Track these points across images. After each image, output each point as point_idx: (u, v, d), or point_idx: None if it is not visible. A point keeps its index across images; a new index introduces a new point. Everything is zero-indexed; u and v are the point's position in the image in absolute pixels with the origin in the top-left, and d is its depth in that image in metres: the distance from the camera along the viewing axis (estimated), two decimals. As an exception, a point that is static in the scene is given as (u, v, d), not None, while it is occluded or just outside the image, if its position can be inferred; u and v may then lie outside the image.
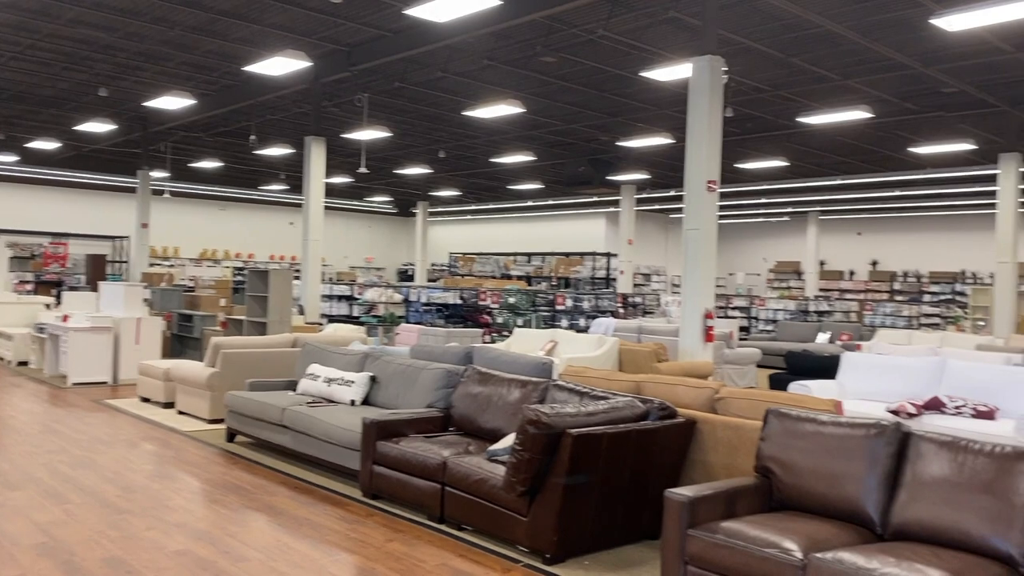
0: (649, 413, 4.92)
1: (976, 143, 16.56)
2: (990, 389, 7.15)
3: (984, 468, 3.61)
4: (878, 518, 3.82)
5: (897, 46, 11.22)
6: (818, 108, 14.47)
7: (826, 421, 4.15)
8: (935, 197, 24.00)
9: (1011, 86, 13.05)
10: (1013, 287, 15.26)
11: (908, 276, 28.19)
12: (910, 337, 13.74)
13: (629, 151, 19.27)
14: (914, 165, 19.90)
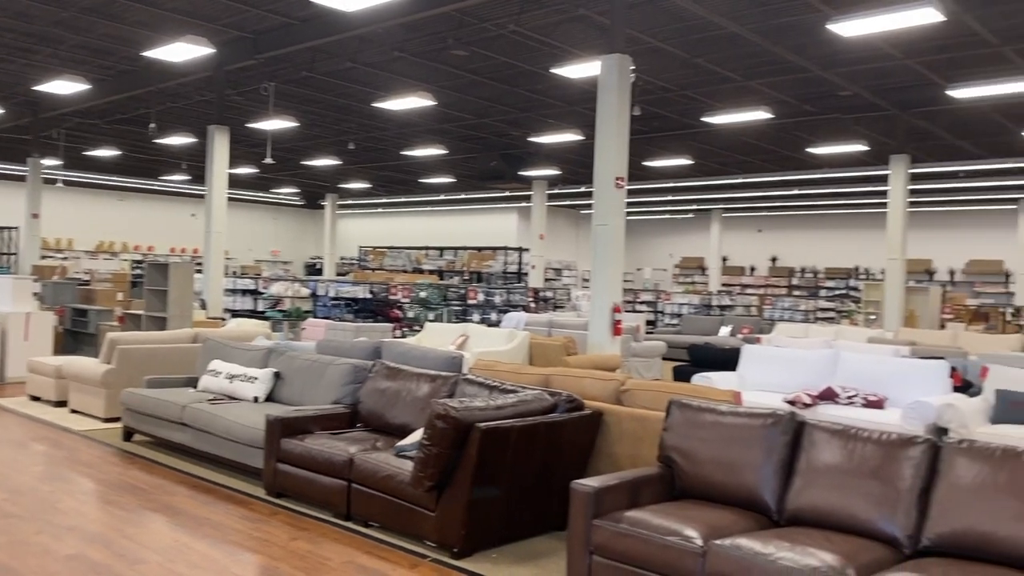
0: (557, 406, 4.97)
1: (869, 144, 17.35)
2: (880, 380, 7.51)
3: (872, 455, 3.79)
4: (774, 504, 3.96)
5: (796, 50, 11.63)
6: (722, 108, 14.88)
7: (725, 411, 4.27)
8: (831, 196, 25.03)
9: (901, 91, 13.70)
10: (902, 283, 16.06)
11: (805, 272, 29.33)
12: (807, 330, 14.30)
13: (540, 147, 19.40)
14: (812, 165, 20.69)
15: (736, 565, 3.37)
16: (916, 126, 15.60)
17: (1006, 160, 18.36)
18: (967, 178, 20.80)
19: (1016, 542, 3.29)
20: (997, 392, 6.83)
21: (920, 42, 11.04)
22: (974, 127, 15.84)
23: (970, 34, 10.62)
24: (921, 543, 3.53)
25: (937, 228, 26.47)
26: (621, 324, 10.52)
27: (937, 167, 19.31)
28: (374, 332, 11.45)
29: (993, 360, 8.79)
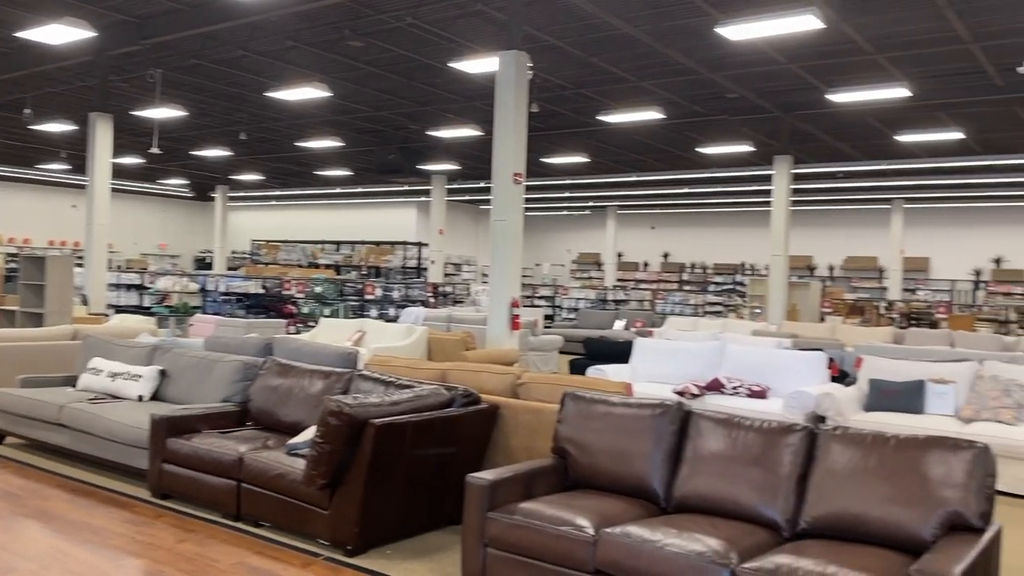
0: (454, 400, 4.98)
1: (754, 145, 18.05)
2: (763, 371, 7.84)
3: (754, 442, 3.95)
4: (663, 492, 4.08)
5: (686, 52, 11.99)
6: (616, 108, 15.19)
7: (617, 402, 4.38)
8: (720, 195, 25.93)
9: (785, 94, 14.31)
10: (785, 278, 16.80)
11: (695, 267, 30.29)
12: (696, 324, 14.78)
13: (439, 141, 19.33)
14: (701, 164, 21.37)
15: (626, 552, 3.46)
16: (798, 128, 16.33)
17: (880, 162, 19.44)
18: (845, 179, 21.91)
19: (885, 522, 3.49)
20: (870, 381, 7.24)
21: (802, 48, 11.56)
22: (852, 130, 16.69)
23: (848, 41, 11.18)
24: (799, 526, 3.71)
25: (818, 226, 27.78)
26: (519, 319, 10.62)
27: (818, 168, 20.26)
28: (267, 328, 11.17)
29: (867, 351, 9.31)
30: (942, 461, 3.49)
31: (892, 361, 7.45)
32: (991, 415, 6.55)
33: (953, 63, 12.04)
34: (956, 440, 3.55)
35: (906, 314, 20.55)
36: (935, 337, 12.63)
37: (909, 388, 6.97)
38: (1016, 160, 18.28)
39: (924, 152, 18.51)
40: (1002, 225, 25.09)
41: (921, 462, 3.53)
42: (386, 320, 13.62)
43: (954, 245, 25.80)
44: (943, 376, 7.03)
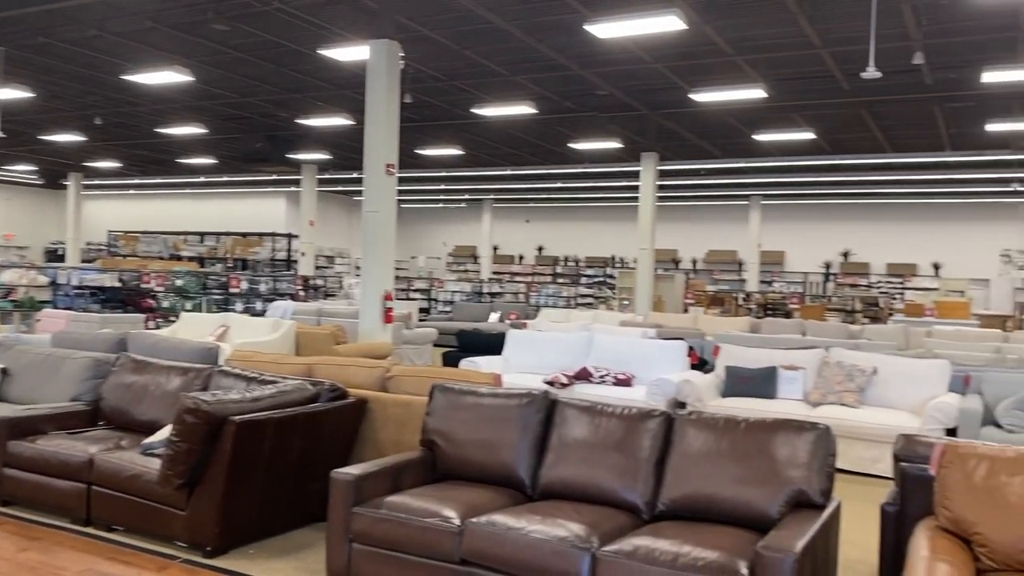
0: (319, 395, 4.88)
1: (623, 142, 18.54)
2: (629, 359, 8.09)
3: (616, 429, 4.07)
4: (529, 480, 4.15)
5: (558, 48, 12.17)
6: (490, 101, 15.26)
7: (485, 393, 4.41)
8: (591, 190, 26.52)
9: (651, 92, 14.75)
10: (651, 271, 17.38)
11: (568, 260, 30.89)
12: (568, 315, 15.08)
13: (310, 130, 18.86)
14: (573, 160, 21.77)
15: (491, 541, 3.49)
16: (664, 126, 16.89)
17: (740, 160, 20.38)
18: (708, 176, 22.84)
19: (736, 502, 3.67)
20: (727, 368, 7.59)
21: (667, 48, 11.94)
22: (713, 129, 17.41)
23: (709, 43, 11.63)
24: (658, 508, 3.85)
25: (682, 221, 28.87)
26: (392, 312, 10.53)
27: (682, 165, 21.03)
28: (122, 323, 10.60)
29: (725, 340, 9.76)
30: (787, 442, 3.70)
31: (747, 349, 7.84)
32: (836, 398, 7.00)
33: (805, 67, 12.73)
34: (800, 422, 3.77)
35: (763, 304, 21.67)
36: (788, 326, 13.37)
37: (762, 374, 7.36)
38: (861, 160, 19.56)
39: (779, 151, 19.53)
40: (850, 221, 26.82)
41: (769, 444, 3.73)
42: (252, 314, 13.19)
43: (807, 239, 27.39)
44: (793, 363, 7.45)
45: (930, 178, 21.22)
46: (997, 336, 12.02)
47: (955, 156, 18.47)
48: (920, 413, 6.64)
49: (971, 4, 9.69)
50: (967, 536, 3.18)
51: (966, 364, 8.16)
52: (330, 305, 13.75)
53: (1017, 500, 3.12)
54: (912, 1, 9.65)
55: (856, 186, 23.44)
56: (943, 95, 13.60)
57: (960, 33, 10.79)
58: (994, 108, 14.36)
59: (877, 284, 26.18)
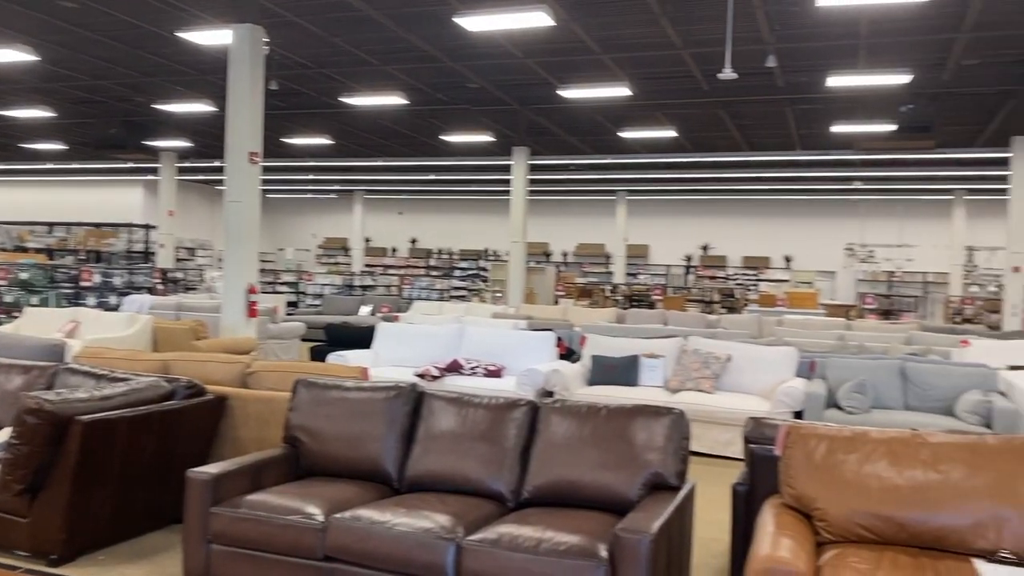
0: (175, 393, 4.68)
1: (495, 136, 18.68)
2: (500, 351, 8.17)
3: (482, 419, 4.11)
4: (396, 473, 4.13)
5: (428, 39, 12.11)
6: (360, 90, 15.03)
7: (351, 387, 4.35)
8: (464, 182, 26.59)
9: (522, 87, 14.92)
10: (523, 263, 17.60)
11: (442, 253, 30.87)
12: (441, 308, 15.08)
13: (169, 116, 18.00)
14: (446, 152, 21.76)
15: (355, 536, 3.46)
16: (535, 121, 17.12)
17: (607, 156, 20.93)
18: (577, 171, 23.34)
19: (598, 486, 3.78)
20: (593, 357, 7.80)
21: (536, 44, 12.11)
22: (582, 125, 17.79)
23: (577, 41, 11.87)
24: (523, 495, 3.91)
25: (553, 215, 29.40)
26: (257, 306, 10.22)
27: (553, 160, 21.41)
28: (-42, 319, 9.80)
29: (592, 330, 10.01)
30: (645, 427, 3.84)
31: (612, 339, 8.08)
32: (693, 385, 7.32)
33: (667, 67, 13.20)
34: (657, 408, 3.92)
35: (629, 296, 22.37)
36: (651, 316, 13.85)
37: (625, 363, 7.60)
38: (719, 158, 20.48)
39: (644, 148, 20.18)
40: (709, 216, 28.06)
41: (628, 429, 3.86)
42: (106, 309, 12.49)
43: (670, 233, 28.47)
44: (654, 351, 7.73)
45: (782, 176, 22.47)
46: (841, 324, 12.88)
47: (804, 155, 19.63)
48: (770, 397, 7.04)
49: (818, 12, 10.30)
50: (808, 511, 3.40)
51: (812, 351, 8.70)
52: (191, 299, 13.19)
53: (852, 476, 3.35)
54: (766, 7, 10.17)
55: (715, 183, 24.53)
56: (793, 97, 14.42)
57: (808, 39, 11.46)
58: (838, 111, 15.35)
59: (734, 276, 27.51)
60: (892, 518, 3.24)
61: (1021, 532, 3.11)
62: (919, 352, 9.17)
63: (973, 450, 3.30)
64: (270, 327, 12.25)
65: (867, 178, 22.29)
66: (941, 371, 6.94)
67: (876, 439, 3.42)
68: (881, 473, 3.32)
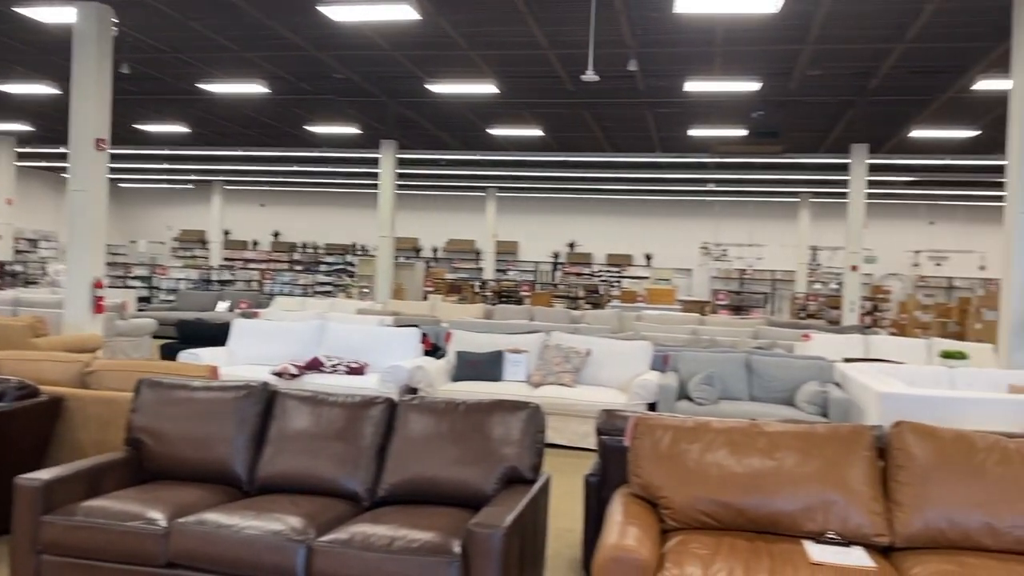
0: (4, 394, 4.36)
1: (362, 128, 18.40)
2: (362, 348, 8.06)
3: (338, 418, 4.03)
4: (246, 475, 3.99)
5: (292, 27, 11.77)
6: (219, 77, 14.45)
7: (199, 387, 4.18)
8: (330, 175, 26.04)
9: (389, 80, 14.75)
10: (391, 258, 17.44)
11: (307, 247, 30.13)
12: (304, 304, 14.73)
13: (7, 97, 16.72)
14: (311, 143, 21.24)
15: (200, 540, 3.32)
16: (403, 115, 16.98)
17: (476, 153, 21.01)
18: (447, 166, 23.33)
19: (455, 482, 3.78)
20: (458, 353, 7.82)
21: (403, 37, 12.00)
22: (451, 121, 17.79)
23: (445, 36, 11.85)
24: (378, 494, 3.87)
25: (423, 210, 29.27)
26: (103, 301, 9.67)
27: (422, 154, 21.30)
28: None
29: (459, 327, 10.04)
30: (502, 422, 3.88)
31: (477, 335, 8.12)
32: (555, 379, 7.46)
33: (534, 66, 13.38)
34: (514, 402, 3.97)
35: (497, 292, 22.57)
36: (518, 312, 14.04)
37: (489, 358, 7.66)
38: (584, 158, 20.96)
39: (513, 146, 20.39)
40: (576, 214, 28.69)
41: (485, 424, 3.89)
42: (-68, 304, 11.47)
43: (538, 231, 28.92)
44: (518, 346, 7.83)
45: (644, 177, 23.25)
46: (695, 320, 13.46)
47: (664, 157, 20.37)
48: (627, 390, 7.27)
49: (676, 19, 10.70)
50: (654, 500, 3.53)
51: (667, 345, 9.04)
52: (30, 294, 12.31)
53: (694, 465, 3.51)
54: (628, 12, 10.47)
55: (581, 182, 25.10)
56: (653, 101, 14.94)
57: (667, 44, 11.89)
58: (695, 115, 16.02)
59: (598, 273, 28.26)
60: (731, 504, 3.41)
61: (846, 514, 3.34)
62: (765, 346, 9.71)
63: (804, 438, 3.52)
64: (118, 324, 11.61)
65: (721, 180, 23.38)
66: (783, 364, 7.37)
67: (717, 429, 3.59)
68: (721, 461, 3.48)
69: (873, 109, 14.85)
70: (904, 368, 7.31)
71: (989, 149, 17.44)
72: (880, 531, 3.30)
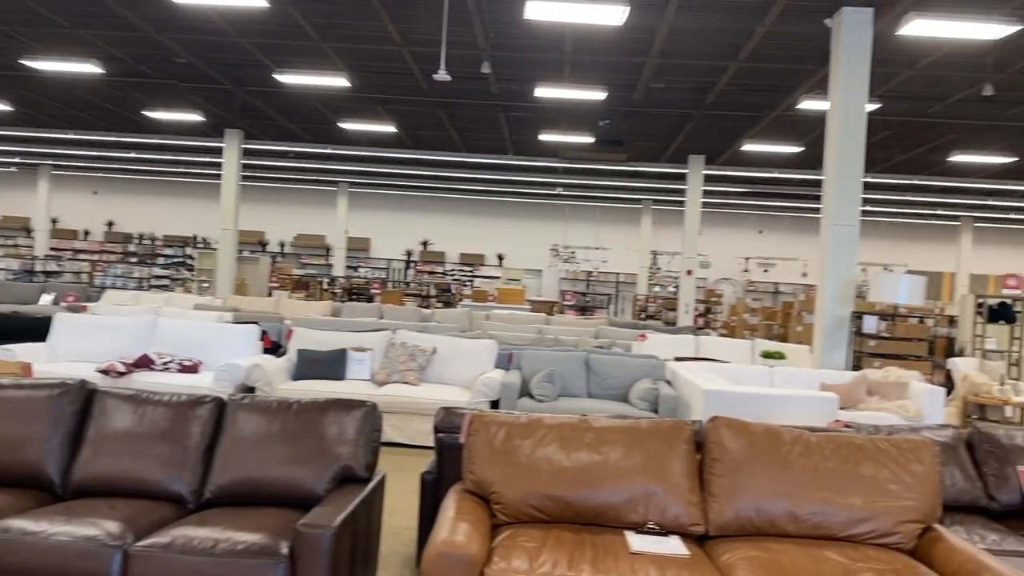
0: None
1: (206, 116, 17.63)
2: (197, 345, 7.73)
3: (164, 417, 3.86)
4: (59, 479, 3.75)
5: (130, 6, 11.14)
6: (47, 54, 13.46)
7: (7, 385, 3.89)
8: (171, 163, 24.77)
9: (235, 67, 14.21)
10: (234, 252, 16.80)
11: (144, 238, 28.53)
12: (137, 298, 13.95)
13: None
14: (150, 129, 20.14)
15: (2, 549, 3.10)
16: (250, 104, 16.40)
17: (327, 146, 20.59)
18: (296, 159, 22.72)
19: (285, 483, 3.70)
20: (299, 352, 7.64)
21: (251, 24, 11.60)
22: (301, 112, 17.34)
23: (295, 25, 11.55)
24: (205, 496, 3.74)
25: (271, 203, 28.37)
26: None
27: (270, 146, 20.64)
28: None
29: (304, 324, 9.82)
30: (336, 421, 3.84)
31: (321, 332, 7.97)
32: (400, 377, 7.44)
33: (387, 62, 13.27)
34: (349, 401, 3.94)
35: (348, 289, 22.20)
36: (367, 310, 13.88)
37: (332, 357, 7.54)
38: (439, 156, 20.98)
39: (365, 141, 20.13)
40: (430, 212, 28.66)
41: (318, 424, 3.83)
42: None
43: (391, 228, 28.68)
44: (362, 344, 7.75)
45: (497, 178, 23.54)
46: (541, 319, 13.77)
47: (516, 160, 20.72)
48: (471, 388, 7.35)
49: (527, 25, 10.92)
50: (487, 496, 3.60)
51: (514, 344, 9.21)
52: None
53: (525, 460, 3.60)
54: (481, 14, 10.58)
55: (435, 180, 25.12)
56: (506, 104, 15.16)
57: (519, 49, 12.11)
58: (546, 120, 16.39)
59: (451, 272, 28.36)
60: (560, 498, 3.53)
61: (665, 505, 3.52)
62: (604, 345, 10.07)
63: (629, 433, 3.69)
64: (-79, 316, 10.57)
65: (570, 184, 24.03)
66: (619, 362, 7.67)
67: (549, 425, 3.71)
68: (552, 456, 3.59)
69: (710, 123, 15.70)
70: (729, 367, 7.78)
71: (811, 164, 18.84)
72: (696, 521, 3.51)
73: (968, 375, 9.12)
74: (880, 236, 27.75)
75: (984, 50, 10.72)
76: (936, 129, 15.26)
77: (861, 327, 9.06)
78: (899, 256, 27.70)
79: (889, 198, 22.56)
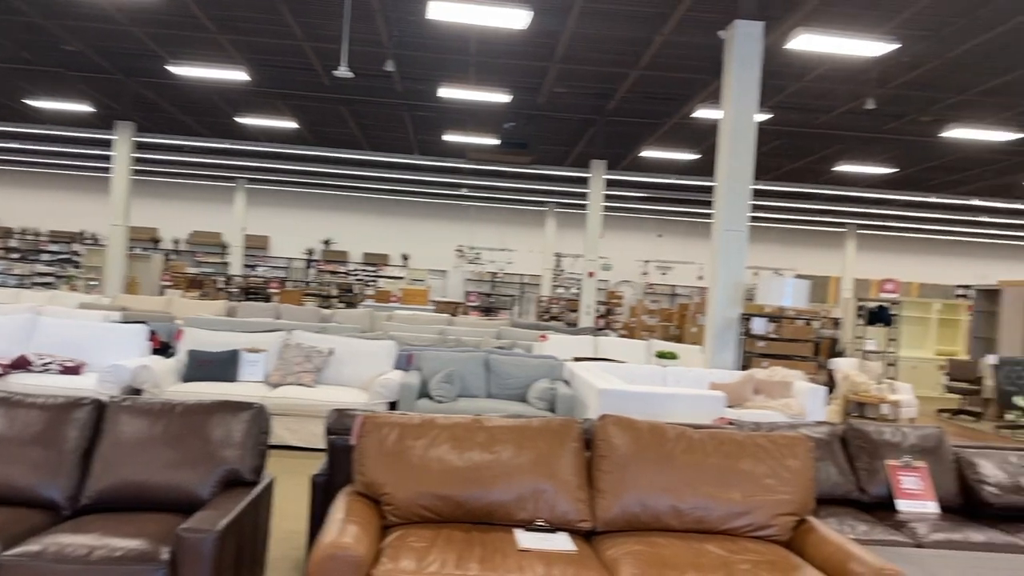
0: None
1: (95, 106, 16.88)
2: (81, 345, 7.39)
3: (36, 420, 3.69)
4: (-81, 487, 3.54)
5: (9, -13, 10.59)
6: (-84, 34, 12.62)
7: None
8: (57, 155, 23.59)
9: (127, 57, 13.67)
10: (124, 249, 16.14)
11: (26, 233, 27.06)
12: (18, 296, 13.24)
13: None
14: (34, 119, 19.14)
15: None
16: (143, 95, 15.81)
17: (225, 141, 20.01)
18: (192, 153, 21.99)
19: (167, 487, 3.59)
20: (189, 352, 7.41)
21: (144, 13, 11.19)
22: (197, 105, 16.82)
23: (190, 15, 11.20)
24: (82, 502, 3.59)
25: (165, 198, 27.36)
26: None
27: (164, 139, 19.92)
28: None
29: (195, 324, 9.52)
30: (222, 424, 3.75)
31: (213, 333, 7.74)
32: (295, 379, 7.31)
33: (288, 57, 13.02)
34: (236, 403, 3.85)
35: (244, 288, 21.64)
36: (264, 310, 13.55)
37: (224, 358, 7.34)
38: (341, 154, 20.69)
39: (265, 136, 19.67)
40: (332, 210, 28.21)
41: (204, 426, 3.73)
42: None
43: (292, 226, 28.09)
44: (256, 345, 7.58)
45: (402, 177, 23.38)
46: (444, 320, 13.75)
47: (421, 160, 20.64)
48: (369, 389, 7.28)
49: (430, 24, 10.90)
50: (377, 497, 3.58)
51: (415, 344, 9.17)
52: None
53: (418, 461, 3.60)
54: (384, 12, 10.50)
55: (338, 178, 24.75)
56: (410, 103, 15.09)
57: (423, 49, 12.07)
58: (451, 121, 16.39)
59: (354, 272, 28.00)
60: (451, 497, 3.54)
61: (554, 502, 3.58)
62: (506, 346, 10.14)
63: (520, 432, 3.73)
64: None
65: (475, 186, 24.09)
66: (518, 362, 7.74)
67: (442, 425, 3.72)
68: (444, 456, 3.61)
69: (611, 129, 16.02)
70: (625, 366, 7.97)
71: (707, 171, 19.46)
72: (583, 517, 3.58)
73: (849, 375, 9.61)
74: (771, 241, 28.89)
75: (867, 66, 11.32)
76: (823, 140, 16.01)
77: (750, 328, 9.42)
78: (789, 261, 28.89)
79: (779, 205, 23.52)
